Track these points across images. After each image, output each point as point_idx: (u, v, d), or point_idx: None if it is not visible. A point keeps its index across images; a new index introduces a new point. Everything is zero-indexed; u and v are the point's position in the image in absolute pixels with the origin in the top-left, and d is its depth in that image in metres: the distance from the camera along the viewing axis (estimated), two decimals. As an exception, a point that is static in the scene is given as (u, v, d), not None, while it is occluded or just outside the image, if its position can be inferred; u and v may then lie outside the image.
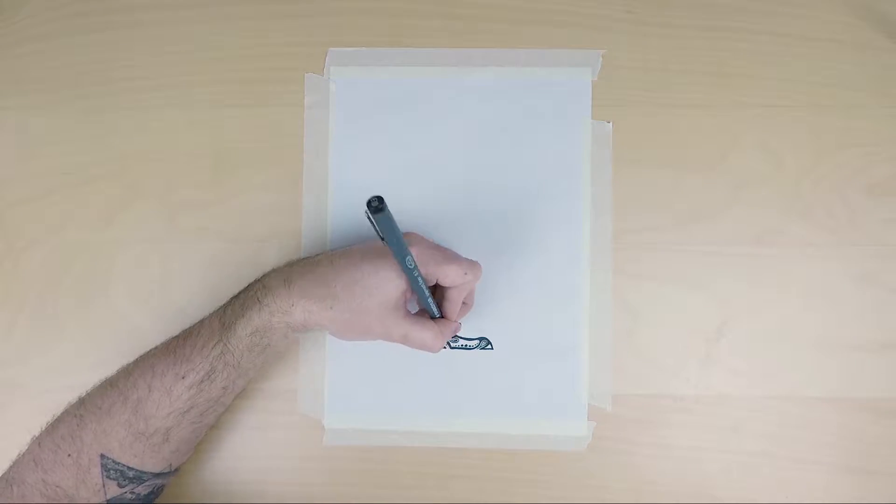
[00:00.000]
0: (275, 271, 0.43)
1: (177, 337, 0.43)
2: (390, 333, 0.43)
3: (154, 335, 0.45)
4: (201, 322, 0.43)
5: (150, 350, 0.43)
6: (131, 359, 0.43)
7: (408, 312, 0.44)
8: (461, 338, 0.50)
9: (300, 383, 0.50)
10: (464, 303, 0.46)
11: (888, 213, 0.49)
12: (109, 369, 0.43)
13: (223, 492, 0.49)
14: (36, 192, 0.51)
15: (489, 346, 0.50)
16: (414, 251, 0.41)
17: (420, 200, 0.50)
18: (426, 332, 0.43)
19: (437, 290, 0.45)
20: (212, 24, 0.51)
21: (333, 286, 0.42)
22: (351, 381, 0.50)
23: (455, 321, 0.46)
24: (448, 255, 0.44)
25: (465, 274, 0.43)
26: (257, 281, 0.43)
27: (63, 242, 0.50)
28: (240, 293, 0.43)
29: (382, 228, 0.37)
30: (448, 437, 0.49)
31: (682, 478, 0.49)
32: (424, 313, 0.46)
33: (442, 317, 0.46)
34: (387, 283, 0.42)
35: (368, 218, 0.37)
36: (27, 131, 0.51)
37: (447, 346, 0.49)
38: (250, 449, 0.49)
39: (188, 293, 0.50)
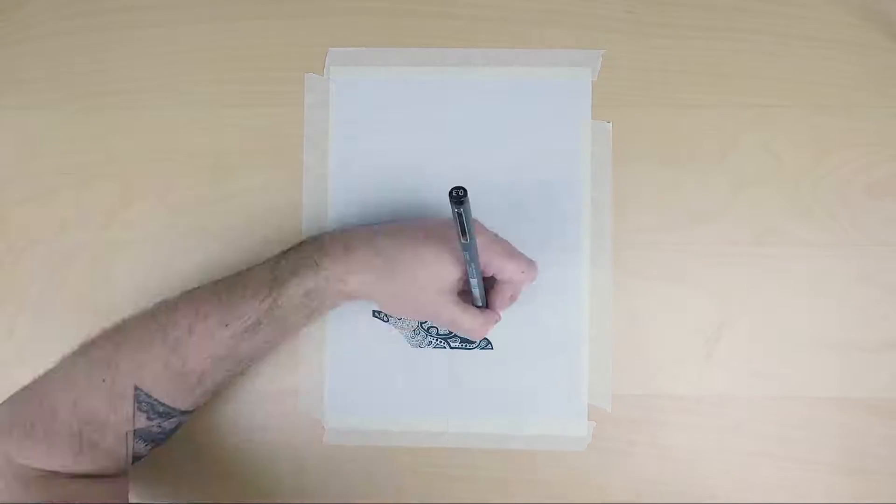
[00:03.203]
0: (331, 235, 0.43)
1: (224, 281, 0.42)
2: (439, 315, 0.43)
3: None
4: (250, 270, 0.42)
5: (195, 289, 0.42)
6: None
7: (458, 298, 0.44)
8: (462, 338, 0.50)
9: (300, 383, 0.50)
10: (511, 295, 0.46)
11: (888, 213, 0.49)
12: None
13: (223, 492, 0.49)
14: (36, 192, 0.51)
15: (489, 346, 0.49)
16: (478, 241, 0.40)
17: (420, 200, 0.50)
18: (474, 320, 0.44)
19: (487, 280, 0.45)
20: (212, 24, 0.51)
21: (394, 261, 0.41)
22: (351, 381, 0.50)
23: (498, 314, 0.46)
24: (509, 250, 0.43)
25: (522, 272, 0.43)
26: (314, 239, 0.42)
27: (63, 242, 0.50)
28: (292, 249, 0.42)
29: (463, 219, 0.36)
30: (448, 437, 0.49)
31: (682, 478, 0.49)
32: (468, 298, 0.45)
33: (487, 307, 0.46)
34: (447, 267, 0.41)
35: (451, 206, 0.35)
36: (27, 131, 0.51)
37: (446, 346, 0.49)
38: (251, 448, 0.49)
39: (188, 293, 0.50)
